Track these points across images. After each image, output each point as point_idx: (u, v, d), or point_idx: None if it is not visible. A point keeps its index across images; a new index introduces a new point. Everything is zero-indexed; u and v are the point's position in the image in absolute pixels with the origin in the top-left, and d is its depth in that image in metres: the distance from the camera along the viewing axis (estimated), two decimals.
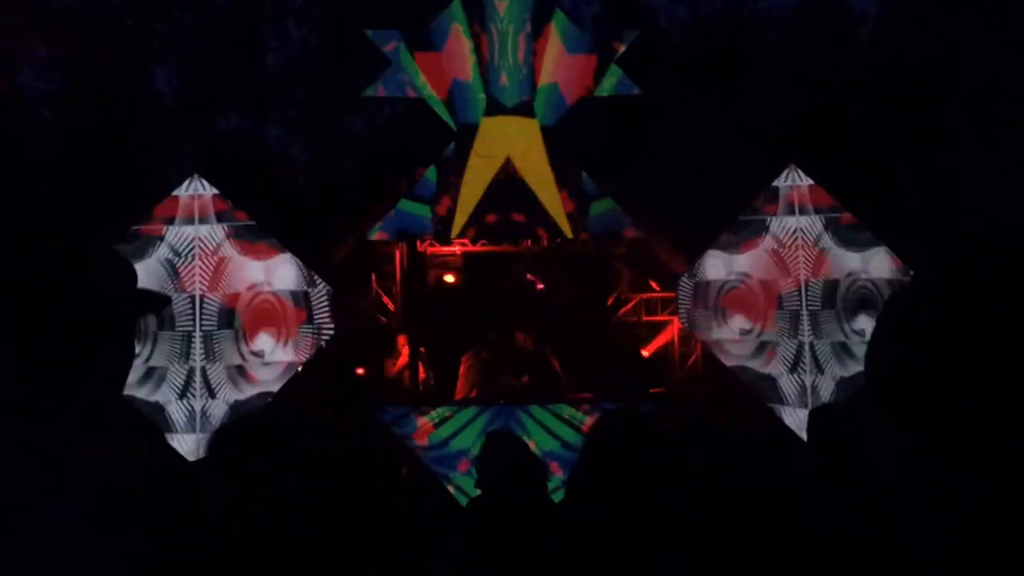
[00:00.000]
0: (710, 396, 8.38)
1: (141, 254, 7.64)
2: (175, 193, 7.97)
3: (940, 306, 1.07)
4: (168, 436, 7.45)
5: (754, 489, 2.71)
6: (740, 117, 13.37)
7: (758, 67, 15.95)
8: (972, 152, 10.44)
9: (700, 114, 13.37)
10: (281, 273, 7.88)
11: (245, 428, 2.63)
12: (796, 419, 7.84)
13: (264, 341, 7.77)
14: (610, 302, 9.41)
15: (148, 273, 7.52)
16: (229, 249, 7.86)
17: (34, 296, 1.39)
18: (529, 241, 8.77)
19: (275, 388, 7.71)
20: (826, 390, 8.01)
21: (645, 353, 9.26)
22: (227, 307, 7.77)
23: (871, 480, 2.63)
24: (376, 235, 8.51)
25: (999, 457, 1.01)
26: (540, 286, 9.31)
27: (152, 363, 7.61)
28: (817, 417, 3.30)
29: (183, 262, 7.77)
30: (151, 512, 1.40)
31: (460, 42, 8.55)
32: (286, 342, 7.79)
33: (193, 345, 7.68)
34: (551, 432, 7.58)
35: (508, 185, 8.43)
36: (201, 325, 7.71)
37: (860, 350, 7.99)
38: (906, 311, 1.11)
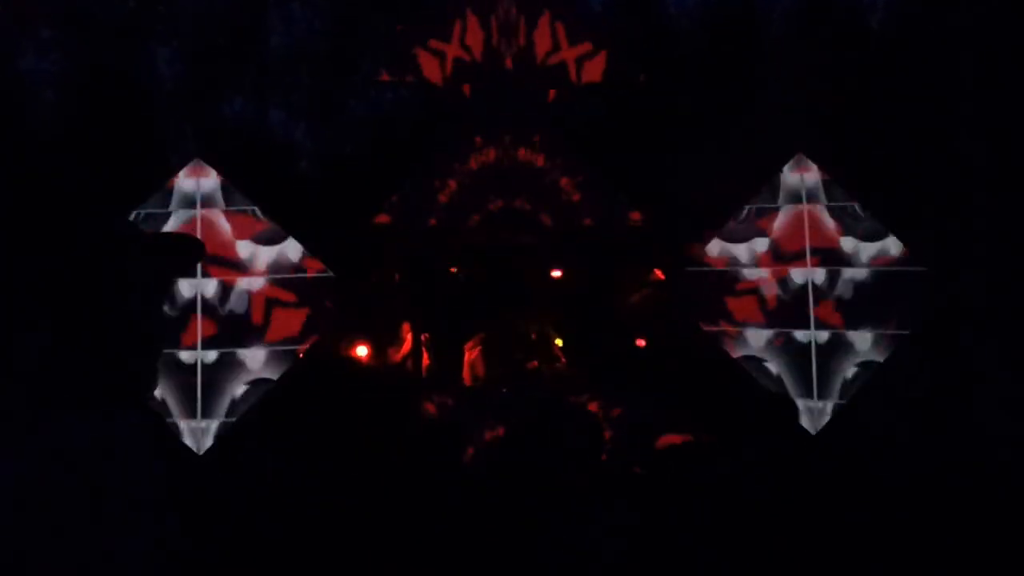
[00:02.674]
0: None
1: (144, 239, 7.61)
2: (177, 177, 7.95)
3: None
4: (171, 426, 7.45)
5: None
6: (747, 105, 13.33)
7: (766, 55, 15.89)
8: (982, 142, 10.39)
9: (707, 102, 13.33)
10: (284, 258, 7.86)
11: (250, 418, 2.63)
12: (800, 409, 7.82)
13: (267, 327, 7.76)
14: (613, 291, 9.37)
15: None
16: (231, 234, 7.84)
17: (34, 280, 1.37)
18: (533, 228, 8.72)
19: (277, 376, 7.70)
20: (830, 383, 7.98)
21: (641, 343, 9.22)
22: (229, 293, 7.75)
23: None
24: (379, 221, 8.48)
25: None
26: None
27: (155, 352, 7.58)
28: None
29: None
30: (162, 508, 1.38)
31: (461, 27, 8.49)
32: (289, 328, 7.78)
33: (196, 334, 7.67)
34: None
35: (512, 172, 8.39)
36: (202, 313, 7.69)
37: (865, 342, 7.97)
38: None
